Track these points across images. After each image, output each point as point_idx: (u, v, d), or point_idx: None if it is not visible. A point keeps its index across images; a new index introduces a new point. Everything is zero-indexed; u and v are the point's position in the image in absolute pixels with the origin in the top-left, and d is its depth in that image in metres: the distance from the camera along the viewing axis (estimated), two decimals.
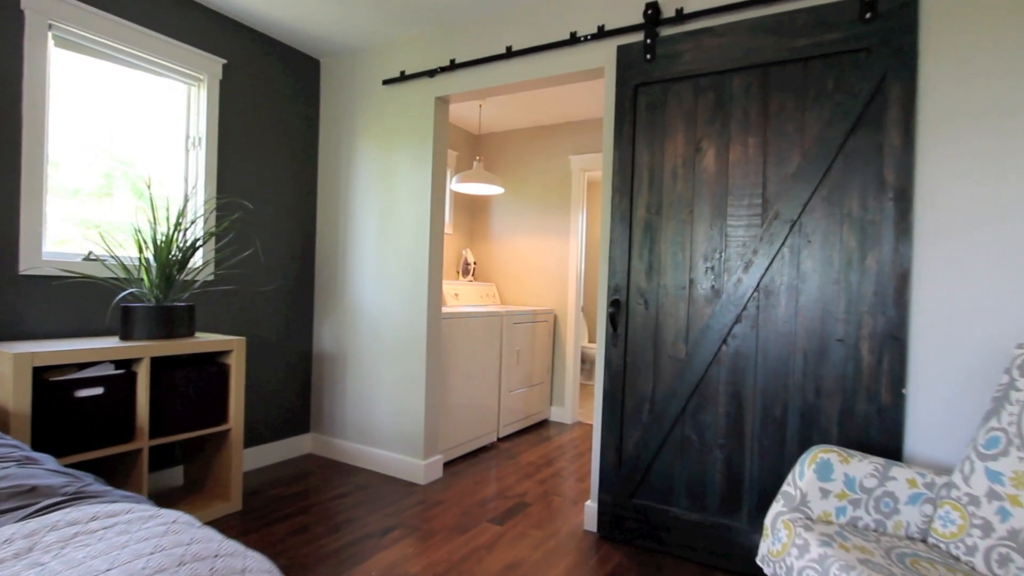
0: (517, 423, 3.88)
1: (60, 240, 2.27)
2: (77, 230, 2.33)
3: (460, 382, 3.23)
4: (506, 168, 4.59)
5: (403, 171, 2.94)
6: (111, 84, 2.43)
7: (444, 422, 3.10)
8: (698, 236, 2.05)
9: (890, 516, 1.38)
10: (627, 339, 2.19)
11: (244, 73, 2.87)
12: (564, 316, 4.27)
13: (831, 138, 1.82)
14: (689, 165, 2.08)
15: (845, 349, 1.80)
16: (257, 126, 2.95)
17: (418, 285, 2.86)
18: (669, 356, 2.10)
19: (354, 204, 3.14)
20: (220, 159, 2.78)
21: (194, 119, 2.73)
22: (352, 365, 3.11)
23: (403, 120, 2.95)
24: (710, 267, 2.02)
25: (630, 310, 2.18)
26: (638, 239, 2.18)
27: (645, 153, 2.17)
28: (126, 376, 2.04)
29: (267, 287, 2.96)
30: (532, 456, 3.35)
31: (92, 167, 2.37)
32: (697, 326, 2.04)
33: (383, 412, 2.98)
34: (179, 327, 2.26)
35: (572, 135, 4.27)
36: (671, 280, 2.10)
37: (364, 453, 3.03)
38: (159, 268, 2.20)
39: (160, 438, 2.12)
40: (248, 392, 2.94)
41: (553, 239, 4.33)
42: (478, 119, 4.30)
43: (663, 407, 2.10)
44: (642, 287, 2.16)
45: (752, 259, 1.94)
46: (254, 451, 2.96)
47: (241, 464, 2.40)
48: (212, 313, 2.74)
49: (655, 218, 2.14)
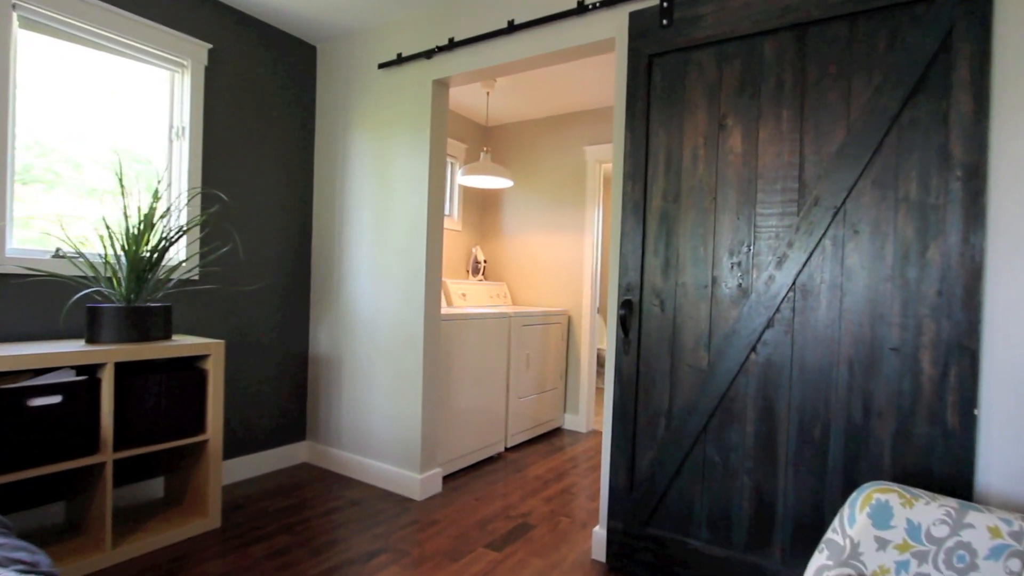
0: (527, 432, 3.63)
1: (41, 235, 2.11)
2: (54, 226, 2.16)
3: (464, 388, 3.00)
4: (517, 161, 4.35)
5: (399, 161, 2.72)
6: (89, 70, 2.27)
7: (446, 431, 2.87)
8: (722, 227, 1.77)
9: (966, 574, 1.10)
10: (640, 345, 1.92)
11: (232, 59, 2.69)
12: (579, 317, 4.00)
13: (883, 108, 1.53)
14: (712, 145, 1.80)
15: (901, 360, 1.50)
16: (247, 116, 2.76)
17: (414, 283, 2.64)
18: (688, 365, 1.83)
19: (350, 198, 2.94)
20: (206, 150, 2.60)
21: (177, 108, 2.56)
22: (348, 369, 2.91)
23: (399, 106, 2.73)
24: (736, 263, 1.74)
25: (644, 312, 1.92)
26: (653, 231, 1.91)
27: (661, 133, 1.90)
28: (88, 383, 1.86)
29: (252, 286, 2.78)
30: (541, 469, 3.10)
31: (68, 159, 2.20)
32: (721, 331, 1.76)
33: (379, 421, 2.77)
34: (153, 329, 2.08)
35: (587, 124, 4.00)
36: (691, 278, 1.83)
37: (360, 464, 2.82)
38: (129, 265, 2.03)
39: (126, 450, 1.93)
40: (239, 398, 2.76)
41: (567, 236, 4.07)
42: (486, 110, 4.06)
43: (681, 423, 1.83)
44: (657, 286, 1.90)
45: (787, 253, 1.65)
46: (246, 460, 2.78)
47: (220, 478, 2.21)
48: (196, 314, 2.57)
49: (672, 207, 1.88)
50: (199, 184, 2.57)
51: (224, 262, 2.68)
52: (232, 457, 2.73)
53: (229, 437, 2.72)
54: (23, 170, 2.10)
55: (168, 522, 2.15)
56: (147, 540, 2.00)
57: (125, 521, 2.15)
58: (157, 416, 2.03)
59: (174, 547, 2.04)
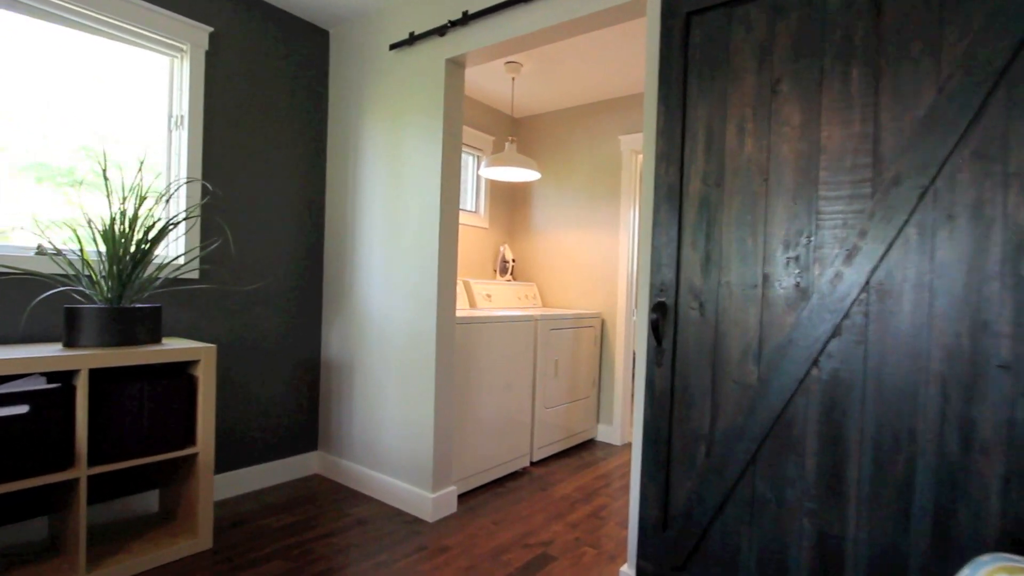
0: (555, 444, 3.36)
1: (17, 231, 2.00)
2: (49, 223, 2.06)
3: (485, 397, 2.76)
4: (548, 153, 4.08)
5: (412, 150, 2.51)
6: (83, 56, 2.16)
7: (465, 444, 2.64)
8: (775, 214, 1.47)
9: None
10: (675, 355, 1.64)
11: (236, 43, 2.54)
12: (613, 320, 3.70)
13: (986, 59, 1.20)
14: (762, 117, 1.50)
15: (1013, 380, 1.17)
16: (253, 105, 2.61)
17: (426, 282, 2.42)
18: (734, 380, 1.53)
19: (362, 192, 2.75)
20: (207, 141, 2.46)
21: (177, 96, 2.43)
22: (359, 376, 2.72)
23: (412, 91, 2.52)
24: (793, 257, 1.44)
25: (680, 316, 1.63)
26: (691, 221, 1.62)
27: (700, 105, 1.61)
28: (60, 391, 1.71)
29: (250, 286, 2.61)
30: (568, 487, 2.83)
31: (56, 152, 2.09)
32: (774, 340, 1.46)
33: (389, 433, 2.57)
34: (139, 333, 1.93)
35: (621, 112, 3.70)
36: (736, 276, 1.53)
37: (370, 479, 2.63)
38: (108, 263, 1.88)
39: (103, 465, 1.78)
40: (247, 405, 2.61)
41: (601, 232, 3.78)
42: (512, 99, 3.82)
43: (726, 450, 1.53)
44: (696, 285, 1.60)
45: (858, 245, 1.34)
46: (254, 471, 2.63)
47: (211, 495, 2.04)
48: (195, 316, 2.43)
49: (714, 192, 1.58)
50: (199, 176, 2.43)
51: (228, 260, 2.53)
52: (239, 468, 2.58)
53: (236, 447, 2.57)
54: (6, 164, 1.99)
55: (155, 542, 1.99)
56: (127, 563, 1.84)
57: (109, 539, 2.01)
58: (139, 427, 1.88)
59: (156, 571, 1.88)
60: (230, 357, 2.54)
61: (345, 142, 2.84)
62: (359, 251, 2.74)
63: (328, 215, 2.92)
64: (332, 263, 2.89)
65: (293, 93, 2.76)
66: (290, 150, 2.76)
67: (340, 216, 2.85)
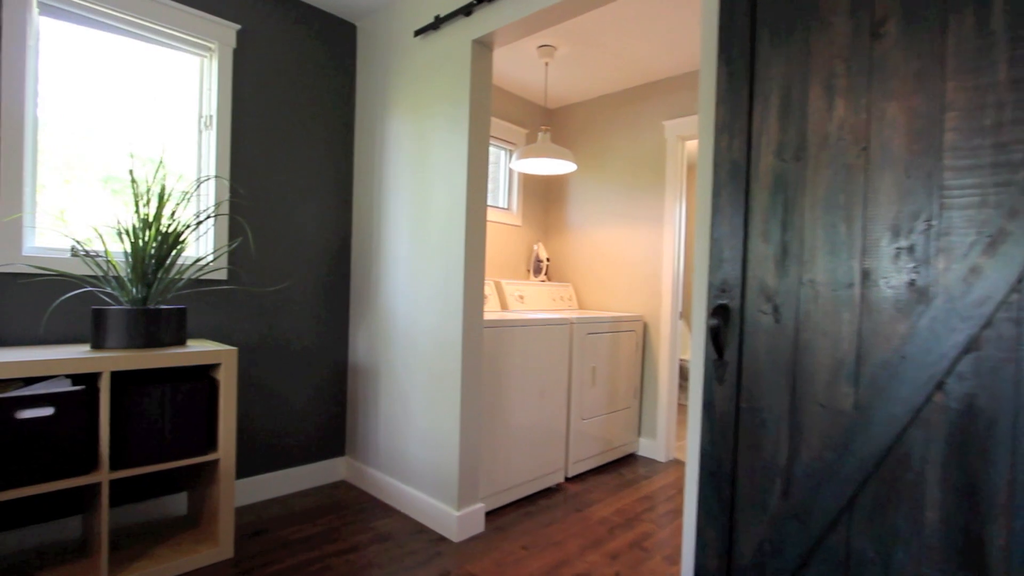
0: (592, 459, 3.07)
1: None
2: (75, 223, 1.95)
3: (516, 407, 2.50)
4: (584, 144, 3.79)
5: (438, 142, 2.28)
6: (115, 58, 2.04)
7: (494, 457, 2.38)
8: (879, 192, 1.15)
9: None
10: (741, 370, 1.33)
11: (263, 41, 2.40)
12: (656, 324, 3.38)
13: None
14: (860, 69, 1.18)
15: None
16: (280, 102, 2.47)
17: (451, 283, 2.18)
18: (821, 404, 1.21)
19: (388, 188, 2.54)
20: (235, 140, 2.32)
21: (206, 96, 2.29)
22: (385, 381, 2.51)
23: (438, 79, 2.28)
24: (905, 247, 1.11)
25: (747, 322, 1.32)
26: (761, 205, 1.31)
27: (774, 62, 1.30)
28: (84, 394, 1.61)
29: (274, 287, 2.44)
30: (607, 509, 2.53)
31: (91, 153, 1.97)
32: (878, 354, 1.14)
33: (415, 442, 2.34)
34: (163, 334, 1.81)
35: (665, 95, 3.37)
36: (824, 272, 1.21)
37: (395, 490, 2.41)
38: (132, 264, 1.75)
39: (124, 470, 1.68)
40: (274, 408, 2.49)
41: (643, 228, 3.46)
42: (545, 88, 3.54)
43: (810, 492, 1.21)
44: (768, 285, 1.29)
45: (1006, 228, 1.00)
46: (281, 476, 2.51)
47: (232, 502, 1.90)
48: (222, 318, 2.31)
49: (793, 168, 1.27)
50: (227, 175, 2.29)
51: (253, 261, 2.38)
52: (267, 472, 2.47)
53: (264, 451, 2.46)
54: (48, 165, 1.87)
55: (178, 548, 1.90)
56: (149, 569, 1.75)
57: (136, 542, 1.93)
58: (161, 431, 1.77)
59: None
60: (258, 359, 2.42)
61: (371, 137, 2.64)
62: (385, 250, 2.53)
63: (355, 213, 2.73)
64: (359, 263, 2.69)
65: (321, 89, 2.60)
66: (317, 147, 2.60)
67: (367, 213, 2.65)
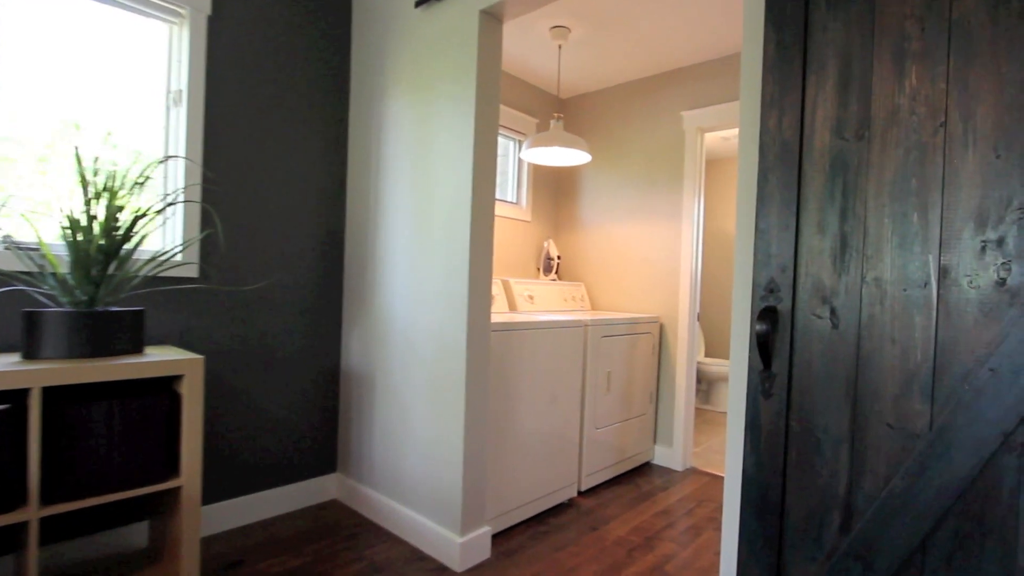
0: (606, 470, 2.89)
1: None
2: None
3: (525, 417, 2.33)
4: (598, 136, 3.61)
5: (441, 127, 2.11)
6: (67, 21, 1.86)
7: (502, 472, 2.21)
8: (962, 175, 0.97)
9: None
10: (791, 382, 1.15)
11: (243, 8, 2.21)
12: (674, 325, 3.20)
13: None
14: (938, 28, 1.00)
15: None
16: (262, 79, 2.27)
17: (455, 280, 2.01)
18: (889, 425, 1.03)
19: (385, 174, 2.37)
20: (208, 119, 2.13)
21: (176, 68, 2.11)
22: (380, 390, 2.34)
23: (440, 54, 2.12)
24: (994, 240, 0.94)
25: (799, 327, 1.15)
26: (816, 191, 1.14)
27: (831, 24, 1.13)
28: (9, 414, 1.39)
29: (253, 285, 2.25)
30: (624, 527, 2.35)
31: (34, 132, 1.80)
32: (959, 366, 0.96)
33: (413, 459, 2.17)
34: (114, 341, 1.61)
35: (684, 84, 3.20)
36: (892, 269, 1.04)
37: (391, 512, 2.24)
38: (73, 258, 1.56)
39: (59, 505, 1.45)
40: (255, 422, 2.27)
41: (660, 225, 3.28)
42: (557, 75, 3.37)
43: (875, 528, 1.04)
44: (824, 284, 1.12)
45: None
46: (264, 497, 2.28)
47: (197, 533, 1.69)
48: (194, 320, 2.10)
49: (854, 148, 1.09)
50: (199, 158, 2.10)
51: (229, 255, 2.19)
52: (246, 494, 2.24)
53: (243, 470, 2.24)
54: None
55: None
56: None
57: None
58: (106, 457, 1.54)
59: None
60: (236, 367, 2.21)
61: (367, 120, 2.47)
62: (382, 244, 2.36)
63: (349, 204, 2.56)
64: (353, 259, 2.52)
65: (310, 66, 2.41)
66: (306, 130, 2.41)
67: (362, 204, 2.48)
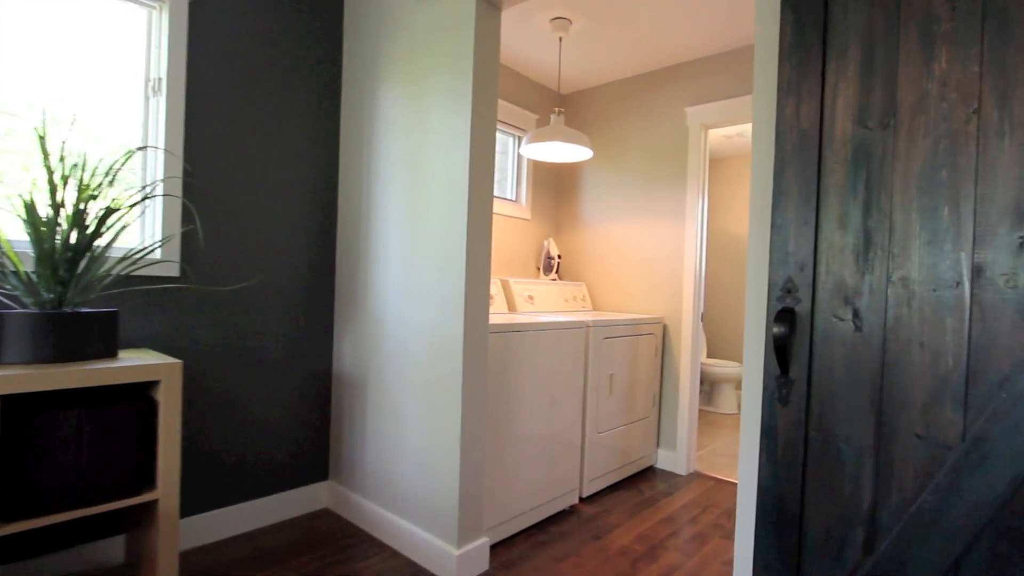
0: (609, 475, 2.82)
1: None
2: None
3: (525, 421, 2.25)
4: (599, 133, 3.54)
5: (435, 116, 2.03)
6: (45, 3, 1.78)
7: (501, 479, 2.13)
8: (998, 166, 0.89)
9: None
10: (811, 389, 1.08)
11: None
12: (677, 326, 3.12)
13: None
14: (970, 8, 0.93)
15: None
16: (248, 67, 2.19)
17: (451, 279, 1.93)
18: (918, 435, 0.96)
19: (377, 169, 2.29)
20: (189, 109, 2.05)
21: (155, 55, 2.03)
22: (373, 395, 2.26)
23: (436, 43, 2.04)
24: None
25: (818, 330, 1.07)
26: (836, 184, 1.06)
27: (854, 3, 1.05)
28: None
29: (236, 285, 2.16)
30: (627, 536, 2.28)
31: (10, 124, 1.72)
32: (996, 371, 0.89)
33: (407, 467, 2.09)
34: (84, 345, 1.52)
35: (688, 79, 3.12)
36: (921, 268, 0.96)
37: (385, 522, 2.15)
38: (40, 254, 1.48)
39: (20, 522, 1.36)
40: (242, 428, 2.19)
41: (662, 223, 3.20)
42: (558, 70, 3.29)
43: (902, 546, 0.96)
44: (847, 284, 1.04)
45: None
46: (250, 507, 2.20)
47: (175, 548, 1.61)
48: (176, 321, 2.02)
49: (878, 136, 1.01)
50: (180, 150, 2.02)
51: (211, 253, 2.11)
52: (231, 504, 2.16)
53: (230, 478, 2.15)
54: None
55: None
56: None
57: None
58: (74, 469, 1.45)
59: None
60: (221, 371, 2.13)
61: (360, 112, 2.39)
62: (375, 242, 2.28)
63: (342, 199, 2.48)
64: (345, 257, 2.44)
65: (300, 53, 2.33)
66: (295, 121, 2.33)
67: (354, 200, 2.40)
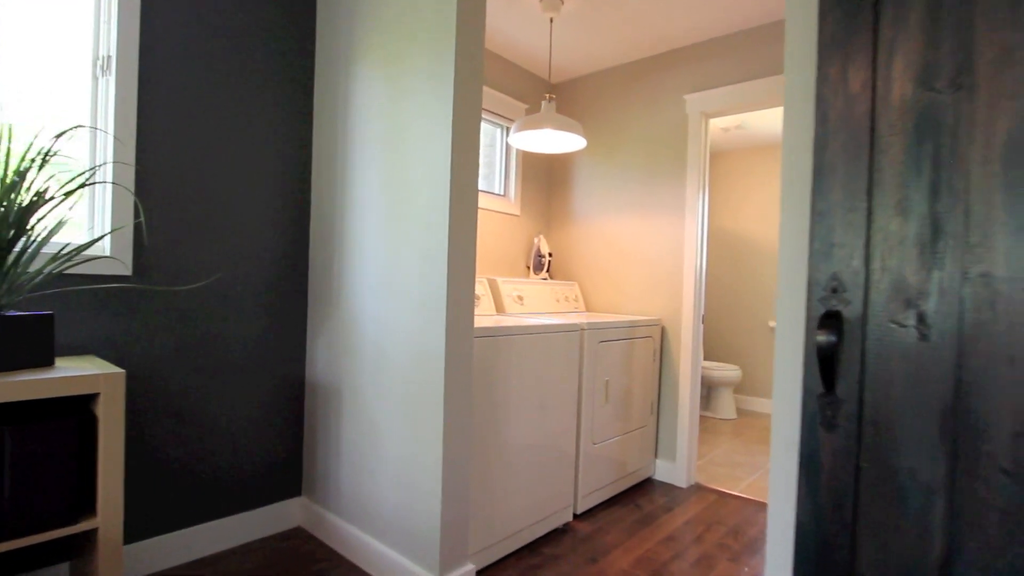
0: (604, 489, 2.62)
1: None
2: None
3: (514, 433, 2.05)
4: (592, 123, 3.35)
5: (415, 102, 1.82)
6: None
7: (488, 497, 1.93)
8: None
9: None
10: (863, 411, 0.89)
11: None
12: (676, 328, 2.94)
13: None
14: None
15: None
16: (211, 46, 1.96)
17: (431, 279, 1.72)
18: (1006, 471, 0.77)
19: (353, 159, 2.07)
20: (142, 91, 1.83)
21: (104, 30, 1.80)
22: (348, 404, 2.05)
23: (417, 23, 1.83)
24: None
25: (873, 339, 0.88)
26: (894, 162, 0.87)
27: None
28: None
29: (189, 285, 1.94)
30: (627, 557, 2.09)
31: None
32: None
33: (385, 484, 1.88)
34: (13, 352, 1.31)
35: (688, 64, 2.94)
36: (1007, 262, 0.78)
37: (360, 545, 1.94)
38: None
39: None
40: (206, 440, 1.96)
41: (660, 219, 3.02)
42: (548, 55, 3.10)
43: None
44: (907, 282, 0.85)
45: None
46: (214, 528, 1.97)
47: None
48: (128, 324, 1.79)
49: (950, 101, 0.83)
50: (132, 136, 1.79)
51: (166, 249, 1.88)
52: (192, 524, 1.93)
53: (191, 496, 1.93)
54: None
55: None
56: None
57: None
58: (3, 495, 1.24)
59: None
60: (179, 379, 1.90)
61: (334, 97, 2.17)
62: (350, 239, 2.07)
63: (315, 191, 2.26)
64: (319, 255, 2.22)
65: (268, 33, 2.11)
66: (263, 104, 2.11)
67: (328, 192, 2.19)
